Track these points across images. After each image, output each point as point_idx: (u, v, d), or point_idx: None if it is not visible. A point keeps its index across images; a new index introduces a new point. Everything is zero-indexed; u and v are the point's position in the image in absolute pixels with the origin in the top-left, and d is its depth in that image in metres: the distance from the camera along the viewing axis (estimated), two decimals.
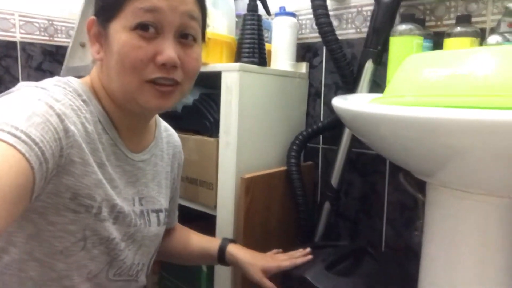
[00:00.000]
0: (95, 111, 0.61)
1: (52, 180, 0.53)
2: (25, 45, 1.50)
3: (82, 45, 1.40)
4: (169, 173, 0.79)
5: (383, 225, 1.13)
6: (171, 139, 0.81)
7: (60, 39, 1.59)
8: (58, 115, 0.52)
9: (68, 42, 1.50)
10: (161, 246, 0.79)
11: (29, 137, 0.46)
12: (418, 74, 0.59)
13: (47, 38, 1.55)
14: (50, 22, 1.56)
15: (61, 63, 1.53)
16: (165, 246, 0.83)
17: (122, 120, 0.64)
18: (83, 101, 0.59)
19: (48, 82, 0.59)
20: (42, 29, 1.54)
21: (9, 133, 0.44)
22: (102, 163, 0.60)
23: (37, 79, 1.57)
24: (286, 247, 1.01)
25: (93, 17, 0.61)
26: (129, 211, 0.66)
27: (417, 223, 1.01)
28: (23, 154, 0.44)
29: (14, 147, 0.44)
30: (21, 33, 1.48)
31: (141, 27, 0.56)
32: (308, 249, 0.89)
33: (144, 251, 0.72)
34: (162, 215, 0.76)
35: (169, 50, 0.57)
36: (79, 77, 0.64)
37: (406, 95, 0.58)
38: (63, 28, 1.59)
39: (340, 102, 0.70)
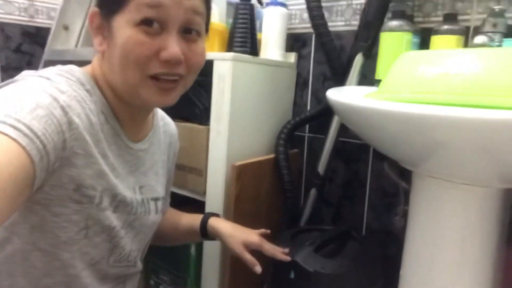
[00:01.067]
0: (98, 101, 0.61)
1: (56, 172, 0.53)
2: (3, 26, 1.44)
3: (66, 28, 1.36)
4: (165, 161, 0.81)
5: (365, 210, 1.19)
6: (168, 128, 0.82)
7: (41, 20, 1.54)
8: (62, 108, 0.52)
9: (49, 24, 1.46)
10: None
11: (31, 130, 0.46)
12: (413, 72, 0.62)
13: (27, 18, 1.50)
14: (31, 2, 1.50)
15: (41, 45, 1.49)
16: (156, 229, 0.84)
17: (123, 111, 0.65)
18: (87, 90, 0.59)
19: (51, 71, 0.58)
20: (22, 9, 1.48)
21: (11, 125, 0.45)
22: (104, 154, 0.61)
23: (17, 61, 1.53)
24: (274, 232, 1.05)
25: (95, 8, 0.61)
26: (131, 199, 0.67)
27: (398, 208, 1.07)
28: (24, 148, 0.44)
29: (16, 140, 0.44)
30: None
31: (145, 23, 0.56)
32: (286, 250, 0.87)
33: (141, 238, 0.74)
34: (159, 203, 0.77)
35: (173, 46, 0.56)
36: (69, 62, 0.64)
37: (402, 92, 0.62)
38: (44, 9, 1.54)
39: (336, 95, 0.73)
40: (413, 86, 0.61)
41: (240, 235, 0.82)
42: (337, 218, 1.24)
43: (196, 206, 1.09)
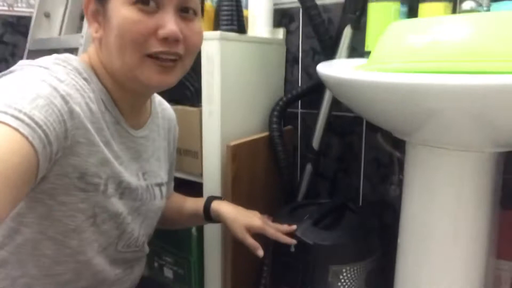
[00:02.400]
0: (97, 89, 0.61)
1: (59, 161, 0.53)
2: None
3: (47, 15, 1.33)
4: (166, 147, 0.81)
5: (360, 182, 1.20)
6: (166, 113, 0.82)
7: (21, 9, 1.50)
8: (63, 97, 0.52)
9: (30, 12, 1.42)
10: None
11: (33, 119, 0.46)
12: (402, 41, 0.62)
13: (6, 8, 1.46)
14: None
15: (24, 34, 1.45)
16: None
17: (123, 98, 0.64)
18: (84, 79, 0.59)
19: (48, 60, 0.58)
20: None
21: (12, 115, 0.44)
22: (107, 141, 0.61)
23: (0, 52, 1.48)
24: (272, 210, 1.07)
25: None
26: (137, 185, 0.68)
27: (392, 177, 1.09)
28: (26, 137, 0.44)
29: (17, 130, 0.44)
30: None
31: (141, 1, 0.55)
32: (294, 227, 0.88)
33: (148, 223, 0.75)
34: (164, 189, 0.78)
35: (171, 24, 0.56)
36: (53, 51, 0.64)
37: (392, 62, 0.62)
38: None
39: (326, 69, 0.73)
40: (403, 56, 0.61)
41: (242, 219, 0.83)
42: (333, 191, 1.26)
43: (194, 188, 1.10)
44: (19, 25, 1.49)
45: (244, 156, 1.06)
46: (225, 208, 0.86)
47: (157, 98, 0.81)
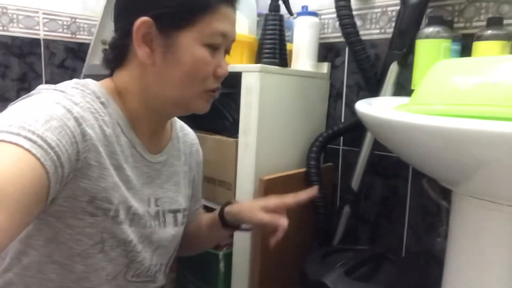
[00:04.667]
0: (114, 113, 0.61)
1: (69, 184, 0.53)
2: (48, 43, 1.51)
3: (104, 43, 1.41)
4: (187, 172, 0.79)
5: (404, 230, 1.11)
6: (187, 138, 0.81)
7: (82, 37, 1.60)
8: (76, 119, 0.52)
9: (90, 40, 1.51)
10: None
11: (45, 141, 0.46)
12: (447, 82, 0.56)
13: (69, 35, 1.57)
14: (73, 19, 1.57)
15: (83, 60, 1.55)
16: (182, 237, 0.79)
17: (144, 122, 0.65)
18: (102, 103, 0.59)
19: (67, 84, 0.59)
20: (65, 27, 1.55)
21: (25, 137, 0.45)
22: (119, 165, 0.60)
23: (60, 76, 1.60)
24: (304, 251, 1.00)
25: (147, 18, 0.58)
26: (144, 212, 0.66)
27: (440, 229, 0.99)
28: (38, 159, 0.44)
29: (30, 151, 0.44)
30: (44, 30, 1.50)
31: (213, 47, 0.61)
32: (314, 189, 0.80)
33: (162, 252, 0.72)
34: (180, 216, 0.75)
35: (225, 64, 0.64)
36: (107, 76, 0.65)
37: (435, 103, 0.56)
38: (85, 25, 1.60)
39: (365, 108, 0.68)
40: (447, 97, 0.56)
41: (257, 203, 0.76)
42: (373, 237, 1.17)
43: None
44: (80, 51, 1.60)
45: (278, 191, 1.01)
46: (237, 206, 0.79)
47: (179, 123, 0.80)
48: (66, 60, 1.57)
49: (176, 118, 0.79)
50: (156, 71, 0.61)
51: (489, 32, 0.78)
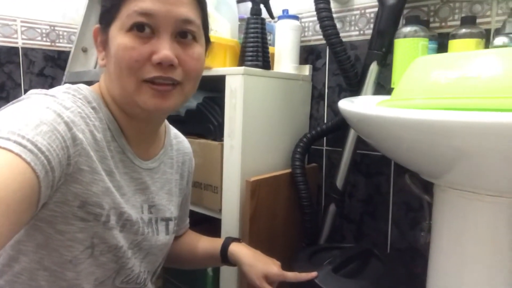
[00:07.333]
0: (105, 118, 0.61)
1: (60, 189, 0.52)
2: (27, 51, 1.49)
3: (84, 50, 1.40)
4: (178, 180, 0.79)
5: (389, 226, 1.13)
6: (181, 146, 0.80)
7: (62, 44, 1.58)
8: (66, 123, 0.52)
9: (70, 48, 1.50)
10: (168, 253, 0.78)
11: (35, 146, 0.45)
12: (426, 77, 0.59)
13: (48, 43, 1.55)
14: (52, 27, 1.55)
15: (63, 68, 1.53)
16: (171, 252, 0.81)
17: (130, 126, 0.64)
18: (93, 108, 0.59)
19: (58, 89, 0.58)
20: (44, 35, 1.53)
21: (15, 142, 0.44)
22: (110, 171, 0.60)
23: (39, 84, 1.57)
24: (291, 250, 1.01)
25: (97, 25, 0.62)
26: (137, 218, 0.66)
27: (423, 223, 1.01)
28: (28, 164, 0.43)
29: (20, 156, 0.43)
30: (23, 38, 1.48)
31: (137, 28, 0.56)
32: (314, 273, 0.84)
33: (151, 259, 0.72)
34: (171, 224, 0.75)
35: (164, 49, 0.56)
36: (88, 83, 0.64)
37: (415, 98, 0.58)
38: (65, 33, 1.59)
39: (347, 105, 0.70)
40: (427, 92, 0.58)
41: (260, 267, 0.80)
42: (359, 235, 1.19)
43: (211, 223, 1.07)
44: (59, 59, 1.58)
45: (264, 192, 1.03)
46: (243, 252, 0.82)
47: (173, 131, 0.80)
48: (46, 68, 1.55)
49: (170, 126, 0.79)
50: (107, 72, 0.62)
51: (463, 30, 0.82)
